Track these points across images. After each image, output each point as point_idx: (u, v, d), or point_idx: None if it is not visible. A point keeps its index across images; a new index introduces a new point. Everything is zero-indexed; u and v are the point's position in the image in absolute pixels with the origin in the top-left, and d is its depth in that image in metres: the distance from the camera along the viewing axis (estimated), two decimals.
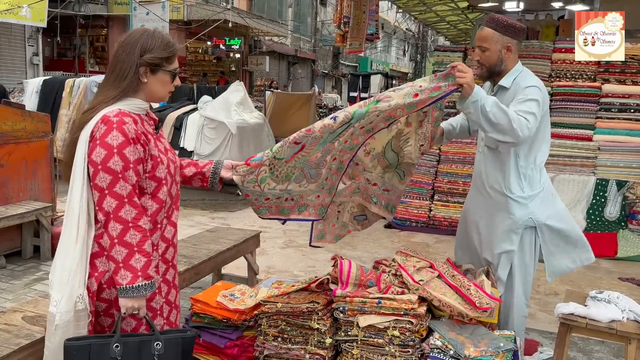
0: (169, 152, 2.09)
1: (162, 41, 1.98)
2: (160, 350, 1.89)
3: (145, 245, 1.87)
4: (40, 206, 4.84)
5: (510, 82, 2.73)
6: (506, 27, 2.70)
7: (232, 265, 4.20)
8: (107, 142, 1.84)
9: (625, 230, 5.85)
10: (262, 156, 2.45)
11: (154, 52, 1.95)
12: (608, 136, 6.12)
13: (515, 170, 2.75)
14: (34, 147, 5.05)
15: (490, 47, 2.70)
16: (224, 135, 7.65)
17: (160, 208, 2.00)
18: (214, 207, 7.25)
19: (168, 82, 2.03)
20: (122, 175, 1.85)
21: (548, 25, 9.66)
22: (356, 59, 30.09)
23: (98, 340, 1.86)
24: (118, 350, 1.85)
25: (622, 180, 5.96)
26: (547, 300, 4.20)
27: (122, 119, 1.87)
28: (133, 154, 1.87)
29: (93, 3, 15.74)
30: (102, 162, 1.84)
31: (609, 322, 2.56)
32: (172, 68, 2.02)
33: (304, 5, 25.94)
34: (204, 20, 16.36)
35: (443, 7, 13.38)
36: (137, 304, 1.88)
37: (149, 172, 1.95)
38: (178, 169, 2.15)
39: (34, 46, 13.94)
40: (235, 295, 2.84)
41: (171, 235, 2.09)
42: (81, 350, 1.84)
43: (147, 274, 1.86)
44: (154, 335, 1.92)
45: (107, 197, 1.84)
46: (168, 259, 2.09)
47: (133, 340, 1.90)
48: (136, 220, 1.86)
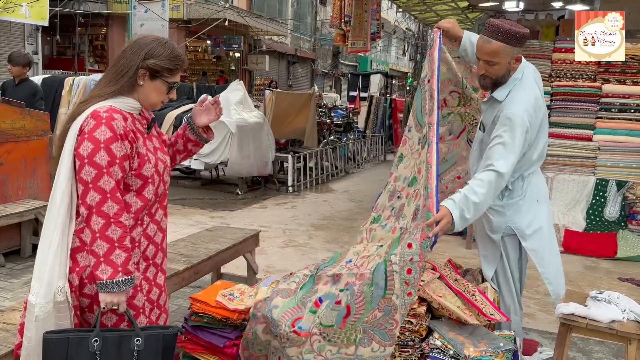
0: (159, 152, 2.09)
1: (170, 52, 2.01)
2: (140, 346, 1.88)
3: (125, 241, 1.88)
4: (40, 205, 4.82)
5: (505, 96, 2.62)
6: (517, 38, 2.54)
7: (232, 265, 4.19)
8: (95, 137, 1.85)
9: (625, 230, 5.85)
10: (310, 325, 2.37)
11: (159, 60, 1.98)
12: (608, 136, 6.12)
13: None
14: (34, 145, 5.04)
15: (500, 61, 2.56)
16: (223, 134, 7.64)
17: (145, 206, 2.01)
18: (213, 207, 7.25)
19: (163, 92, 2.04)
20: (106, 170, 1.86)
21: (548, 25, 9.66)
22: (356, 58, 30.04)
23: (77, 334, 1.86)
24: (97, 345, 1.84)
25: (622, 181, 5.96)
26: (546, 300, 4.19)
27: (111, 114, 1.89)
28: (120, 150, 1.88)
29: (92, 2, 15.72)
30: (89, 156, 1.85)
31: (609, 322, 2.55)
32: (172, 80, 2.04)
33: (303, 4, 25.91)
34: (203, 19, 16.33)
35: (443, 7, 13.37)
36: (116, 299, 1.87)
37: (135, 169, 1.96)
38: (168, 169, 2.14)
39: (34, 44, 13.91)
40: (234, 294, 2.83)
41: (153, 233, 2.08)
42: (59, 343, 1.83)
43: (127, 269, 1.87)
44: (134, 331, 1.91)
45: (90, 191, 1.85)
46: (148, 256, 2.07)
47: (112, 335, 1.89)
48: (117, 216, 1.87)
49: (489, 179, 2.43)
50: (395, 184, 2.90)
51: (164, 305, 2.16)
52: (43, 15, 12.53)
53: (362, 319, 2.33)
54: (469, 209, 2.36)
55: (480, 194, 2.39)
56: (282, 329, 2.38)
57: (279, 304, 2.47)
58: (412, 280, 2.27)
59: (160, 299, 2.14)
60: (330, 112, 12.65)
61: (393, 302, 2.30)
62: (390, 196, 2.90)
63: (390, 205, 2.87)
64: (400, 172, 2.90)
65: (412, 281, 2.27)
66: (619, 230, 5.85)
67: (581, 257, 5.43)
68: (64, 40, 16.25)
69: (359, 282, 2.37)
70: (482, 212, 2.47)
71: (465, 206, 2.36)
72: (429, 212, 2.29)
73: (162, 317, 2.15)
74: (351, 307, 2.33)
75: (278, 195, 8.32)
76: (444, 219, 2.28)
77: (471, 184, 2.45)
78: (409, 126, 2.91)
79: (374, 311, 2.32)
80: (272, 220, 6.56)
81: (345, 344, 2.35)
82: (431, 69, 2.69)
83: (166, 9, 15.59)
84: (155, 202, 2.06)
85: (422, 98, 2.75)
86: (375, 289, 2.32)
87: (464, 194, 2.39)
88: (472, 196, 2.38)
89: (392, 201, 2.87)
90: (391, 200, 2.88)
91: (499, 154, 2.48)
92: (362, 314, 2.33)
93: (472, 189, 2.40)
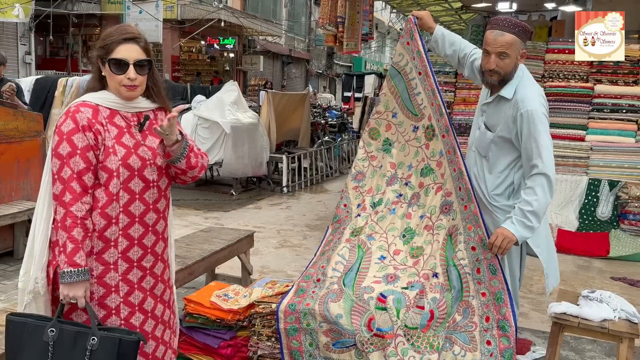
0: (141, 147, 2.02)
1: (106, 32, 2.00)
2: (94, 345, 1.83)
3: (74, 231, 1.88)
4: (33, 206, 4.77)
5: (512, 93, 2.62)
6: (526, 32, 2.57)
7: (226, 265, 4.19)
8: (61, 129, 1.94)
9: (617, 230, 5.89)
10: (391, 325, 2.42)
11: (97, 45, 1.99)
12: (600, 136, 6.16)
13: (509, 181, 2.70)
14: (27, 146, 5.02)
15: (512, 54, 2.56)
16: (217, 134, 7.64)
17: (110, 201, 1.96)
18: (207, 207, 7.24)
19: (112, 75, 1.96)
20: (66, 160, 1.91)
21: (541, 25, 9.71)
22: (350, 59, 30.07)
23: (35, 321, 1.88)
24: (52, 335, 1.85)
25: (614, 180, 6.00)
26: (539, 299, 4.22)
27: (78, 108, 1.95)
28: (81, 141, 1.92)
29: (86, 2, 15.66)
30: (54, 148, 1.93)
31: (601, 321, 2.57)
32: (113, 57, 1.94)
33: (298, 4, 25.92)
34: (197, 19, 16.31)
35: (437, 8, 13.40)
36: (72, 292, 1.87)
37: (101, 161, 1.96)
38: (154, 167, 2.04)
39: (27, 45, 13.86)
40: (229, 295, 2.84)
41: (139, 235, 2.03)
42: (16, 326, 1.88)
43: (73, 261, 1.86)
44: (90, 329, 1.87)
45: (56, 182, 1.92)
46: (132, 258, 2.02)
47: (69, 329, 1.88)
48: (69, 205, 1.89)
49: (537, 184, 2.50)
50: (394, 170, 2.94)
51: (151, 311, 2.08)
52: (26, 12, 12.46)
53: (444, 324, 2.44)
54: (528, 218, 2.47)
55: (533, 201, 2.48)
56: (361, 336, 2.41)
57: (340, 311, 2.48)
58: (483, 280, 2.43)
59: (146, 304, 2.06)
60: (325, 113, 12.66)
61: (470, 303, 2.45)
62: (389, 181, 2.93)
63: (395, 191, 2.91)
64: (397, 158, 2.95)
65: (483, 280, 2.43)
66: (611, 229, 5.89)
67: (574, 257, 5.46)
68: (57, 41, 16.20)
69: (426, 282, 2.52)
70: (544, 213, 2.53)
71: (523, 217, 2.48)
72: (476, 216, 2.55)
73: (137, 317, 2.04)
74: (434, 312, 2.43)
75: (272, 196, 8.31)
76: (498, 237, 2.46)
77: (522, 194, 2.54)
78: (392, 112, 2.97)
79: (454, 315, 2.45)
80: (267, 221, 6.56)
81: (428, 351, 2.41)
82: (422, 65, 2.78)
83: (160, 9, 15.56)
84: (133, 200, 2.00)
85: (407, 86, 2.89)
86: (454, 292, 2.47)
87: (518, 208, 2.51)
88: (526, 206, 2.49)
89: (394, 186, 2.92)
90: (391, 184, 2.92)
91: (537, 153, 2.53)
92: (444, 319, 2.44)
93: (525, 200, 2.51)
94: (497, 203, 2.71)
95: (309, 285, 2.67)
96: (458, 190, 2.65)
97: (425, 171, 2.84)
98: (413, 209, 2.81)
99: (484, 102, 2.82)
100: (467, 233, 2.56)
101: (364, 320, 2.43)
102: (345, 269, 2.69)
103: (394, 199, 2.89)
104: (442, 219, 2.70)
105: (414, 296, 2.46)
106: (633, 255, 5.43)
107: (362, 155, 3.03)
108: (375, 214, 2.90)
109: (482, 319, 2.42)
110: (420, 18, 2.89)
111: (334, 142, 11.02)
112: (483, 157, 2.76)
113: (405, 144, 2.93)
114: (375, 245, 2.79)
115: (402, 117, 2.94)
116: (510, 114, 2.61)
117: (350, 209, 2.96)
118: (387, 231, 2.83)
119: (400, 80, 2.92)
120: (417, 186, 2.86)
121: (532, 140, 2.53)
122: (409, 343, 2.39)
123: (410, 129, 2.91)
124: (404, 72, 2.90)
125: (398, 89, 2.93)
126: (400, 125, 2.95)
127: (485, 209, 2.73)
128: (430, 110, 2.82)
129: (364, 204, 2.95)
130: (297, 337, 2.54)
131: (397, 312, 2.41)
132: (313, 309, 2.51)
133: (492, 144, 2.72)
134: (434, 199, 2.76)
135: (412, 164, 2.90)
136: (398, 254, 2.71)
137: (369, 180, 2.99)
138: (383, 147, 2.99)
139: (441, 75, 6.76)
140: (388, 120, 2.98)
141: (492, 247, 2.47)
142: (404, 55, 2.90)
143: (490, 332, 2.41)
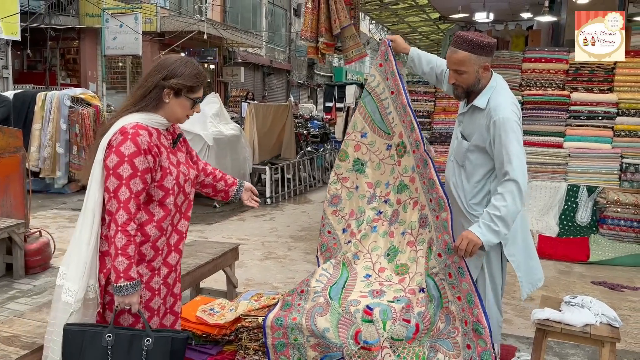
0: (181, 165, 2.25)
1: (191, 71, 2.17)
2: (149, 346, 2.04)
3: (129, 249, 2.02)
4: (13, 223, 4.73)
5: (485, 103, 2.68)
6: (481, 47, 2.62)
7: (211, 279, 4.16)
8: (121, 151, 2.03)
9: (596, 234, 5.99)
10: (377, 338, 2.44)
11: (181, 79, 2.14)
12: (578, 143, 6.28)
13: (485, 190, 2.75)
14: (6, 162, 4.95)
15: (468, 69, 2.64)
16: (200, 147, 7.62)
17: (167, 215, 2.16)
18: (191, 220, 7.19)
19: (187, 108, 2.20)
20: (126, 181, 2.02)
21: (518, 35, 9.88)
22: (331, 69, 30.20)
23: (93, 329, 2.06)
24: (110, 340, 2.03)
25: (592, 186, 6.11)
26: (523, 305, 4.27)
27: (137, 131, 2.06)
28: (142, 164, 2.05)
29: (64, 15, 15.54)
30: (114, 168, 2.03)
31: (583, 326, 2.62)
32: (195, 97, 2.20)
33: (277, 16, 26.03)
34: (177, 31, 16.29)
35: (415, 18, 13.59)
36: (126, 300, 2.04)
37: (158, 181, 2.12)
38: (190, 181, 2.29)
39: (4, 59, 13.68)
40: (214, 309, 2.83)
41: (175, 242, 2.25)
42: (76, 335, 2.04)
43: (128, 275, 2.02)
44: (145, 331, 2.06)
45: (112, 200, 2.04)
46: (171, 263, 2.23)
47: (125, 333, 2.07)
48: (125, 225, 2.02)
49: (507, 190, 2.54)
50: (372, 189, 2.98)
51: (176, 311, 2.32)
52: (14, 29, 12.36)
53: (429, 334, 2.49)
54: (495, 222, 2.51)
55: (501, 207, 2.52)
56: (349, 349, 2.42)
57: (327, 325, 2.49)
58: (456, 284, 2.48)
59: (176, 307, 2.32)
60: (307, 123, 12.70)
61: (450, 309, 2.51)
62: (369, 200, 2.98)
63: (374, 208, 2.95)
64: (373, 177, 3.00)
65: (456, 284, 2.48)
66: (591, 234, 5.99)
67: (555, 262, 5.54)
68: (34, 54, 16.01)
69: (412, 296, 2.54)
70: (513, 220, 2.56)
71: (490, 221, 2.51)
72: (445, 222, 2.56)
73: (169, 317, 2.28)
74: (420, 325, 2.47)
75: (256, 208, 8.28)
76: (463, 240, 2.48)
77: (492, 199, 2.58)
78: (361, 132, 3.02)
79: (437, 324, 2.50)
80: (251, 233, 6.54)
81: None
82: (395, 84, 2.86)
83: (139, 22, 15.52)
84: (176, 212, 2.22)
85: (378, 106, 2.97)
86: (435, 301, 2.52)
87: (486, 212, 2.54)
88: (494, 211, 2.52)
89: (373, 204, 2.96)
90: (371, 203, 2.96)
91: (507, 160, 2.58)
92: (429, 329, 2.49)
93: (493, 205, 2.55)
94: (475, 212, 2.75)
95: (294, 298, 2.68)
96: (429, 202, 2.70)
97: (400, 187, 2.90)
98: (394, 226, 2.86)
99: (460, 112, 2.89)
100: (438, 241, 2.61)
101: (351, 333, 2.44)
102: (329, 281, 2.71)
103: (374, 216, 2.93)
104: (422, 233, 2.75)
105: (400, 309, 2.49)
106: (612, 260, 5.53)
107: (333, 178, 3.07)
108: (359, 232, 2.93)
109: (462, 323, 2.49)
110: (393, 41, 2.97)
111: (316, 152, 11.05)
112: (461, 166, 2.81)
113: (380, 162, 2.98)
114: (360, 265, 2.83)
115: (373, 136, 3.00)
116: (483, 123, 2.67)
117: (336, 235, 2.98)
118: (371, 251, 2.87)
119: (370, 100, 3.00)
120: (395, 203, 2.91)
121: (503, 148, 2.59)
122: (395, 355, 2.41)
123: (384, 147, 2.97)
124: (374, 93, 2.98)
125: (368, 109, 3.00)
126: (372, 145, 3.00)
127: (465, 217, 2.77)
128: (401, 127, 2.89)
129: (351, 228, 2.97)
130: (285, 352, 2.54)
131: (384, 325, 2.43)
132: (300, 323, 2.51)
133: (468, 152, 2.78)
134: (413, 214, 2.81)
135: (389, 181, 2.95)
136: (383, 272, 2.76)
137: (347, 203, 3.02)
138: (354, 167, 3.03)
139: (421, 86, 6.84)
140: (357, 141, 3.02)
141: (458, 250, 2.50)
142: (375, 76, 2.98)
143: (468, 336, 2.46)
